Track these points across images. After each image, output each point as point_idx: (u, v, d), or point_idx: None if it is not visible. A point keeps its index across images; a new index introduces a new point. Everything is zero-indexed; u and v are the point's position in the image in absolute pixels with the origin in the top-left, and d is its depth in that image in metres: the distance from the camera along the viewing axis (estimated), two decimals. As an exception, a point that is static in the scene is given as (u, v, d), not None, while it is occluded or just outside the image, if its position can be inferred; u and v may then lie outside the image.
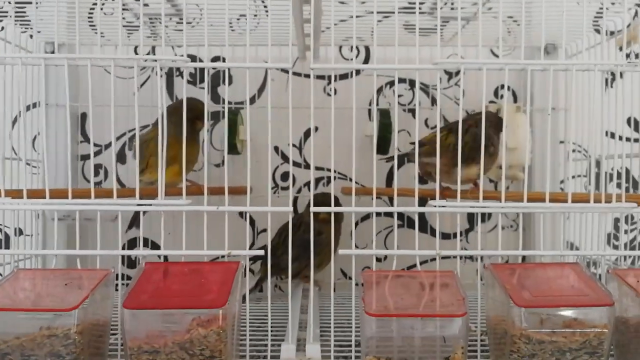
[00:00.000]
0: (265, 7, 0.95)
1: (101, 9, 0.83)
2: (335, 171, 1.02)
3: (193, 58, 0.98)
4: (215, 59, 1.01)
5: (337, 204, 0.85)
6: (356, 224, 1.02)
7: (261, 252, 0.58)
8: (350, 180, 1.01)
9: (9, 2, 0.78)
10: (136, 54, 1.00)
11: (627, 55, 0.76)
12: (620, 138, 0.90)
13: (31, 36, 0.89)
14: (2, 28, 0.81)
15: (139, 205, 0.58)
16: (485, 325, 0.61)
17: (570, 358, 0.52)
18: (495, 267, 0.58)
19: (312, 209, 0.63)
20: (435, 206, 0.62)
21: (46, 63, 0.66)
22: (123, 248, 0.91)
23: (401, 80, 1.03)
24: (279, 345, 0.58)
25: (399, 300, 0.54)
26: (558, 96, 0.96)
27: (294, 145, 1.02)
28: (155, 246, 0.97)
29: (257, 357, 0.59)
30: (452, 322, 0.51)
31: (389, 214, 1.01)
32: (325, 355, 0.58)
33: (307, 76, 1.00)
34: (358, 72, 1.02)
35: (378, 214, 0.99)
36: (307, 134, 1.02)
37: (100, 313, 0.52)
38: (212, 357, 0.49)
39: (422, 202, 0.66)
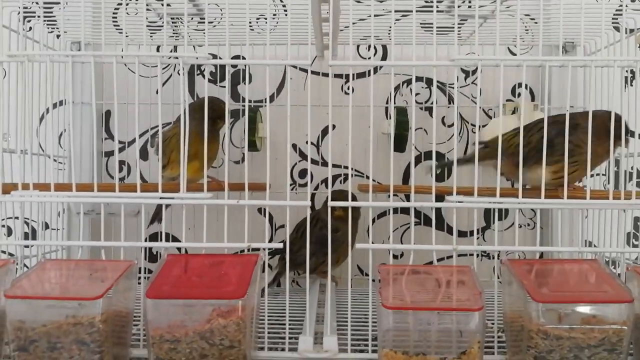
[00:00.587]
0: (284, 6, 0.97)
1: (125, 9, 0.86)
2: (352, 168, 1.03)
3: (214, 57, 1.00)
4: (235, 58, 1.02)
5: (354, 201, 0.86)
6: (372, 221, 1.03)
7: (279, 245, 0.59)
8: (367, 177, 1.02)
9: (37, 3, 0.80)
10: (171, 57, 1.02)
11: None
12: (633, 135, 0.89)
13: (58, 36, 0.92)
14: (30, 28, 0.84)
15: (161, 198, 0.59)
16: (502, 321, 0.62)
17: (589, 355, 0.52)
18: (512, 263, 0.58)
19: (330, 203, 0.64)
20: (453, 201, 0.62)
21: (73, 60, 0.68)
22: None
23: (418, 79, 1.04)
24: (297, 338, 0.59)
25: (415, 294, 0.54)
26: (576, 94, 0.95)
27: (311, 143, 1.03)
28: (176, 240, 0.99)
29: (275, 349, 0.60)
30: (468, 317, 0.51)
31: (406, 211, 1.01)
32: (342, 348, 0.59)
33: (325, 75, 1.01)
34: (375, 70, 1.03)
35: (394, 211, 0.99)
36: (324, 132, 1.03)
37: (123, 303, 0.54)
38: (231, 347, 0.50)
39: (441, 199, 0.66)
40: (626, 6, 0.74)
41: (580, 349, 0.52)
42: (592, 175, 0.95)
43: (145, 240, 0.95)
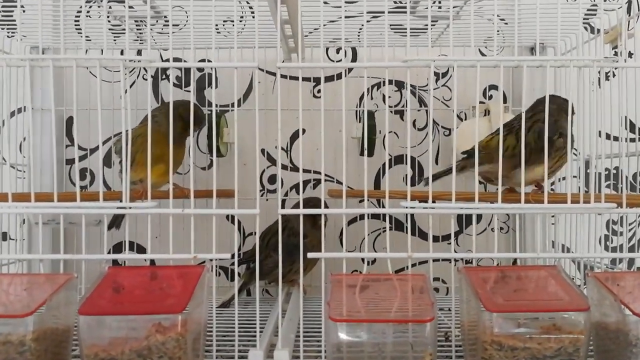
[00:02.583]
0: (250, 8, 0.95)
1: (87, 13, 0.84)
2: (323, 174, 1.01)
3: (179, 60, 0.98)
4: (201, 62, 1.00)
5: (325, 208, 0.84)
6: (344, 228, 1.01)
7: (227, 256, 0.56)
8: (338, 182, 1.00)
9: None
10: (125, 61, 0.99)
11: (616, 54, 0.75)
12: (609, 137, 0.88)
13: (22, 39, 0.90)
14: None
15: (101, 208, 0.57)
16: (460, 330, 0.60)
17: (545, 365, 0.50)
18: (469, 271, 0.56)
19: (302, 210, 0.60)
20: (410, 207, 0.60)
21: (31, 64, 0.65)
22: (109, 252, 0.91)
23: (389, 82, 1.02)
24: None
25: (367, 305, 0.52)
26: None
27: (281, 148, 1.01)
28: (141, 249, 0.96)
29: (225, 364, 0.58)
30: (419, 328, 0.50)
31: (377, 216, 1.00)
32: (296, 361, 0.57)
33: (294, 78, 0.99)
34: (345, 73, 1.01)
35: (366, 217, 0.98)
36: (294, 137, 1.01)
37: (61, 319, 0.52)
38: (171, 364, 0.48)
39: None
40: (595, 5, 0.73)
41: (536, 359, 0.50)
42: (563, 178, 0.94)
43: (109, 251, 0.94)
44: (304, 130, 1.00)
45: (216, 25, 0.90)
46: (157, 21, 0.89)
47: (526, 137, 0.67)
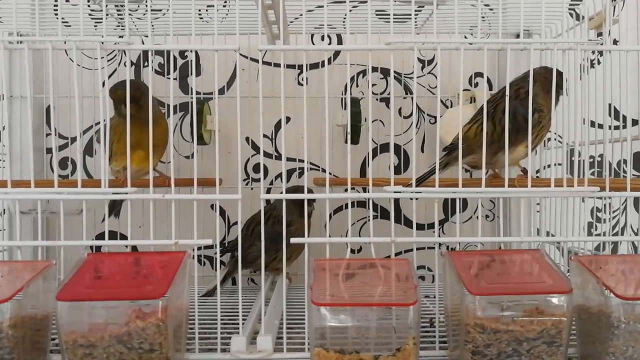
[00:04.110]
0: (234, -6, 0.93)
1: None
2: (307, 162, 1.00)
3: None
4: (184, 49, 0.99)
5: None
6: (330, 216, 1.01)
7: (209, 242, 0.56)
8: (323, 170, 0.99)
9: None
10: (102, 43, 0.97)
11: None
12: (593, 124, 0.88)
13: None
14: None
15: (80, 193, 0.56)
16: (444, 315, 0.60)
17: (528, 348, 0.50)
18: (452, 255, 0.56)
19: (284, 195, 0.60)
20: (394, 192, 0.60)
21: (7, 47, 0.63)
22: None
23: (374, 69, 1.01)
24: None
25: (350, 289, 0.52)
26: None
27: (265, 136, 1.00)
28: (124, 238, 0.95)
29: (208, 350, 0.57)
30: (403, 312, 0.49)
31: (363, 205, 1.00)
32: (280, 348, 0.57)
33: (278, 65, 0.98)
34: (331, 60, 1.00)
35: (352, 205, 0.97)
36: (279, 124, 1.00)
37: (39, 306, 0.51)
38: (151, 350, 0.47)
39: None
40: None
41: (519, 342, 0.50)
42: (552, 165, 0.94)
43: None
44: (288, 118, 1.00)
45: (199, 11, 0.89)
46: (138, 6, 0.87)
47: (502, 120, 0.67)
